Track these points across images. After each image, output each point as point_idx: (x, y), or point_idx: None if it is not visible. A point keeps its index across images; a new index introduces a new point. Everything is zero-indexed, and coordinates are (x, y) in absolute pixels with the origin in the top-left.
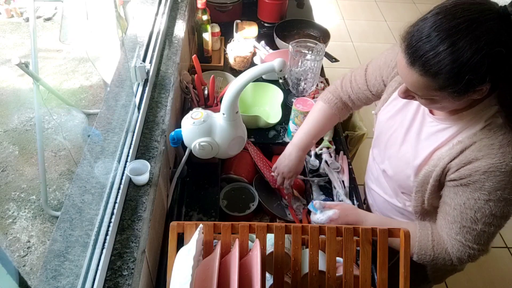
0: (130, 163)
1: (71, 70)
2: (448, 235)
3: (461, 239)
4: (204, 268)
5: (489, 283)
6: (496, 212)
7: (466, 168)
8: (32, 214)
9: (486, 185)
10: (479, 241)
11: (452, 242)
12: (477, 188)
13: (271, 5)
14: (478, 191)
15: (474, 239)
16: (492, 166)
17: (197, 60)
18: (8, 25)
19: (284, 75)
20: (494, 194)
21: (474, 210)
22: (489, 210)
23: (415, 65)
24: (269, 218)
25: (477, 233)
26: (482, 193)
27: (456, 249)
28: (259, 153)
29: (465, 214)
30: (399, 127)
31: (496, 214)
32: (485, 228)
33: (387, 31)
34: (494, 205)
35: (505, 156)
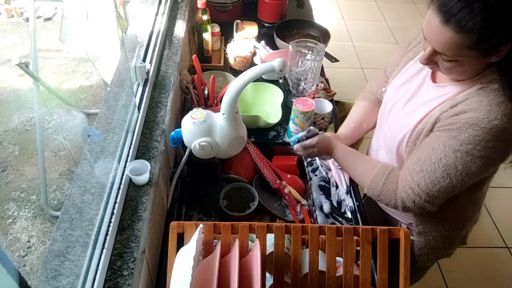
0: (130, 163)
1: (71, 70)
2: (405, 175)
3: (415, 183)
4: (204, 268)
5: (489, 283)
6: (458, 165)
7: (452, 118)
8: (32, 214)
9: (462, 136)
10: (430, 191)
11: (404, 183)
12: (452, 136)
13: (271, 5)
14: (452, 139)
15: (426, 186)
16: (474, 119)
17: (197, 60)
18: (8, 25)
19: (284, 75)
20: (465, 147)
21: (441, 156)
22: (454, 160)
23: (450, 22)
24: (269, 218)
25: (431, 181)
26: (454, 142)
27: (404, 191)
28: (259, 153)
29: (430, 157)
30: (402, 97)
31: (458, 167)
32: (441, 179)
33: (387, 31)
34: (460, 157)
35: (489, 113)
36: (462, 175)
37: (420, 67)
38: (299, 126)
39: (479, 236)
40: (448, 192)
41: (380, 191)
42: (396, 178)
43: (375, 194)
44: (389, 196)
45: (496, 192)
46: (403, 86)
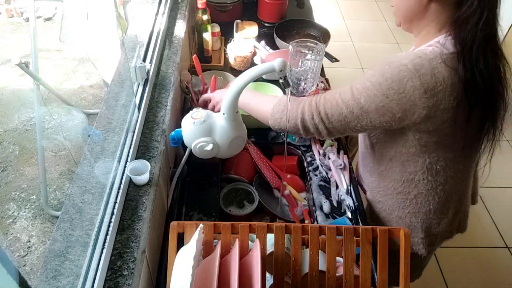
0: (130, 163)
1: (71, 70)
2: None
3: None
4: (204, 268)
5: (489, 283)
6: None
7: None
8: (32, 214)
9: (376, 69)
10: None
11: (311, 98)
12: (371, 71)
13: (271, 5)
14: (369, 72)
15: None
16: (392, 59)
17: (198, 60)
18: (8, 25)
19: (284, 75)
20: (374, 79)
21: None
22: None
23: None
24: (269, 218)
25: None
26: (369, 73)
27: (308, 103)
28: (259, 153)
29: (346, 86)
30: None
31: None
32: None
33: (387, 31)
34: (366, 88)
35: (403, 59)
36: (362, 110)
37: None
38: None
39: (479, 236)
40: (345, 122)
41: (282, 111)
42: (299, 100)
43: (277, 117)
44: (291, 113)
45: (496, 192)
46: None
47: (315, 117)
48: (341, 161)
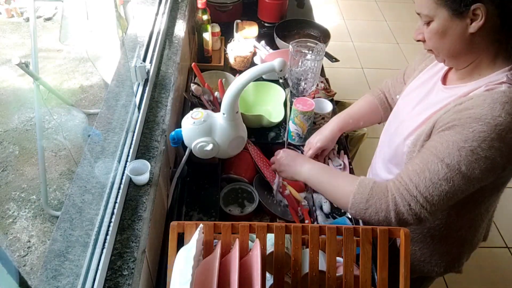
0: (130, 163)
1: (71, 70)
2: (401, 178)
3: (413, 184)
4: (204, 268)
5: (489, 283)
6: (462, 165)
7: (455, 114)
8: (32, 214)
9: (466, 131)
10: (430, 194)
11: (399, 186)
12: (456, 131)
13: (271, 5)
14: (456, 134)
15: (426, 188)
16: (478, 114)
17: (198, 69)
18: (9, 25)
19: (285, 75)
20: (470, 144)
21: (444, 155)
22: (458, 160)
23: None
24: (269, 218)
25: (433, 183)
26: (459, 138)
27: (399, 193)
28: (259, 153)
29: (432, 158)
30: (412, 101)
31: (462, 168)
32: (444, 182)
33: (387, 31)
34: (464, 156)
35: (493, 111)
36: (465, 178)
37: (435, 71)
38: (299, 126)
39: None
40: (448, 198)
41: (367, 201)
42: (383, 185)
43: (361, 208)
44: (379, 204)
45: None
46: (415, 91)
47: (413, 205)
48: (341, 161)
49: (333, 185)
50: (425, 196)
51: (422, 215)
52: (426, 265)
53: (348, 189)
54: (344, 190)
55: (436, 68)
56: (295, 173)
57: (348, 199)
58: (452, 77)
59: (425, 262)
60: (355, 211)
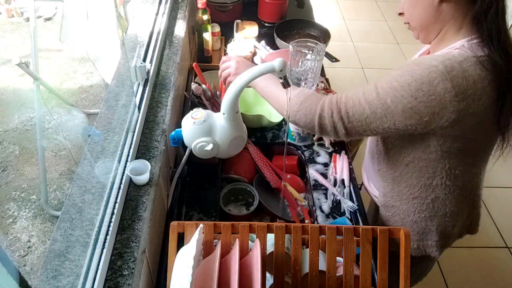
0: (131, 163)
1: (72, 70)
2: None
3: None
4: (205, 268)
5: (489, 283)
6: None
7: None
8: (32, 213)
9: (404, 69)
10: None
11: (332, 95)
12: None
13: (272, 5)
14: (396, 72)
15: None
16: (420, 59)
17: (198, 68)
18: (9, 25)
19: (285, 75)
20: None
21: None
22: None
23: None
24: (269, 218)
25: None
26: (396, 73)
27: (328, 99)
28: (260, 153)
29: (372, 84)
30: None
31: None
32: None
33: (388, 31)
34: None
35: (433, 59)
36: (387, 111)
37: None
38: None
39: (479, 236)
40: (366, 123)
41: (300, 103)
42: (320, 95)
43: (294, 110)
44: (309, 108)
45: (496, 192)
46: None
47: (335, 115)
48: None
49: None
50: (348, 111)
51: (338, 126)
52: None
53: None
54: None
55: (416, 56)
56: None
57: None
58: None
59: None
60: (290, 111)
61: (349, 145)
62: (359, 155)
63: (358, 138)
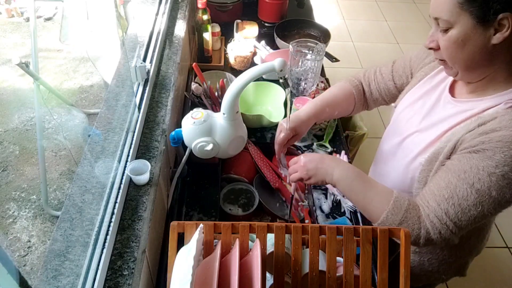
0: (131, 163)
1: (72, 70)
2: (427, 202)
3: (442, 211)
4: (205, 268)
5: (490, 283)
6: (493, 191)
7: (481, 137)
8: (32, 213)
9: (497, 156)
10: (459, 220)
11: (428, 212)
12: (486, 156)
13: (272, 5)
14: (487, 160)
15: (456, 214)
16: (509, 137)
17: (198, 68)
18: (9, 25)
19: (285, 75)
20: (501, 169)
21: (474, 181)
22: (489, 184)
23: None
24: (270, 218)
25: (462, 209)
26: (489, 163)
27: (429, 221)
28: (260, 153)
29: (461, 182)
30: (417, 114)
31: (492, 193)
32: (473, 207)
33: (388, 31)
34: (495, 181)
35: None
36: (495, 203)
37: (437, 81)
38: None
39: None
40: (477, 222)
41: (399, 224)
42: (417, 209)
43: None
44: (411, 229)
45: None
46: (418, 101)
47: (444, 232)
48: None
49: (366, 197)
50: (455, 222)
51: (451, 239)
52: (434, 274)
53: (381, 206)
54: (377, 206)
55: (439, 77)
56: (326, 174)
57: (379, 216)
58: (461, 90)
59: (433, 271)
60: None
61: (349, 145)
62: (359, 155)
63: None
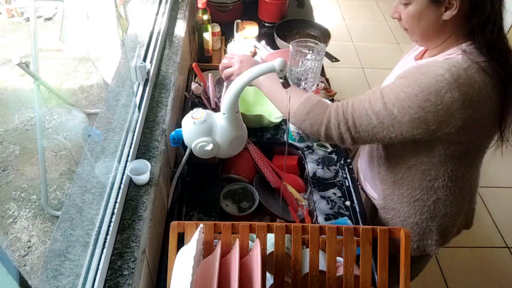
0: (131, 162)
1: (72, 70)
2: (345, 100)
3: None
4: (205, 268)
5: (489, 283)
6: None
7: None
8: (32, 213)
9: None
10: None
11: (338, 103)
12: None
13: (272, 4)
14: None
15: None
16: (426, 68)
17: (198, 68)
18: (9, 25)
19: (285, 75)
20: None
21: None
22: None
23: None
24: (270, 218)
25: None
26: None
27: (335, 109)
28: (260, 153)
29: (377, 93)
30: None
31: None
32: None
33: (388, 31)
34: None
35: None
36: (394, 120)
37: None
38: None
39: (479, 236)
40: (373, 133)
41: (307, 113)
42: (326, 104)
43: (300, 119)
44: (315, 119)
45: (496, 192)
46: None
47: (342, 126)
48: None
49: (282, 93)
50: (355, 122)
51: (345, 136)
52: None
53: (294, 100)
54: (292, 103)
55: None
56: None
57: (292, 108)
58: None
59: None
60: (295, 120)
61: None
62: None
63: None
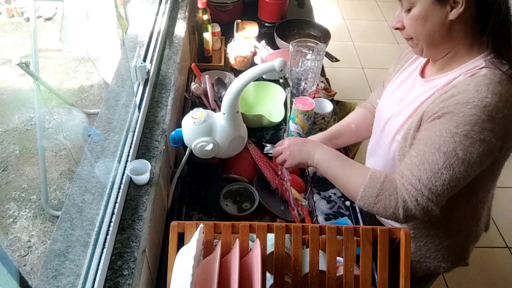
0: (131, 162)
1: (72, 70)
2: (402, 172)
3: (415, 177)
4: (205, 268)
5: (489, 283)
6: (459, 151)
7: (442, 103)
8: (32, 213)
9: (457, 116)
10: (433, 185)
11: (403, 181)
12: (447, 120)
13: (272, 4)
14: (447, 122)
15: (429, 180)
16: (465, 98)
17: (197, 69)
18: (9, 25)
19: (285, 75)
20: (462, 128)
21: (439, 144)
22: (453, 146)
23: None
24: (270, 218)
25: (434, 174)
26: (451, 125)
27: (405, 189)
28: (260, 153)
29: (429, 148)
30: (395, 101)
31: (459, 154)
32: (444, 170)
33: (388, 31)
34: (459, 142)
35: (479, 93)
36: (464, 164)
37: (411, 70)
38: (299, 125)
39: None
40: (451, 186)
41: (376, 196)
42: (393, 181)
43: (370, 202)
44: (388, 201)
45: (496, 192)
46: (395, 91)
47: (421, 201)
48: None
49: (344, 174)
50: (429, 187)
51: (429, 207)
52: (433, 261)
53: (358, 181)
54: (354, 182)
55: (413, 66)
56: (308, 156)
57: (358, 191)
58: (430, 70)
59: (431, 258)
60: (364, 203)
61: (349, 145)
62: (359, 155)
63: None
